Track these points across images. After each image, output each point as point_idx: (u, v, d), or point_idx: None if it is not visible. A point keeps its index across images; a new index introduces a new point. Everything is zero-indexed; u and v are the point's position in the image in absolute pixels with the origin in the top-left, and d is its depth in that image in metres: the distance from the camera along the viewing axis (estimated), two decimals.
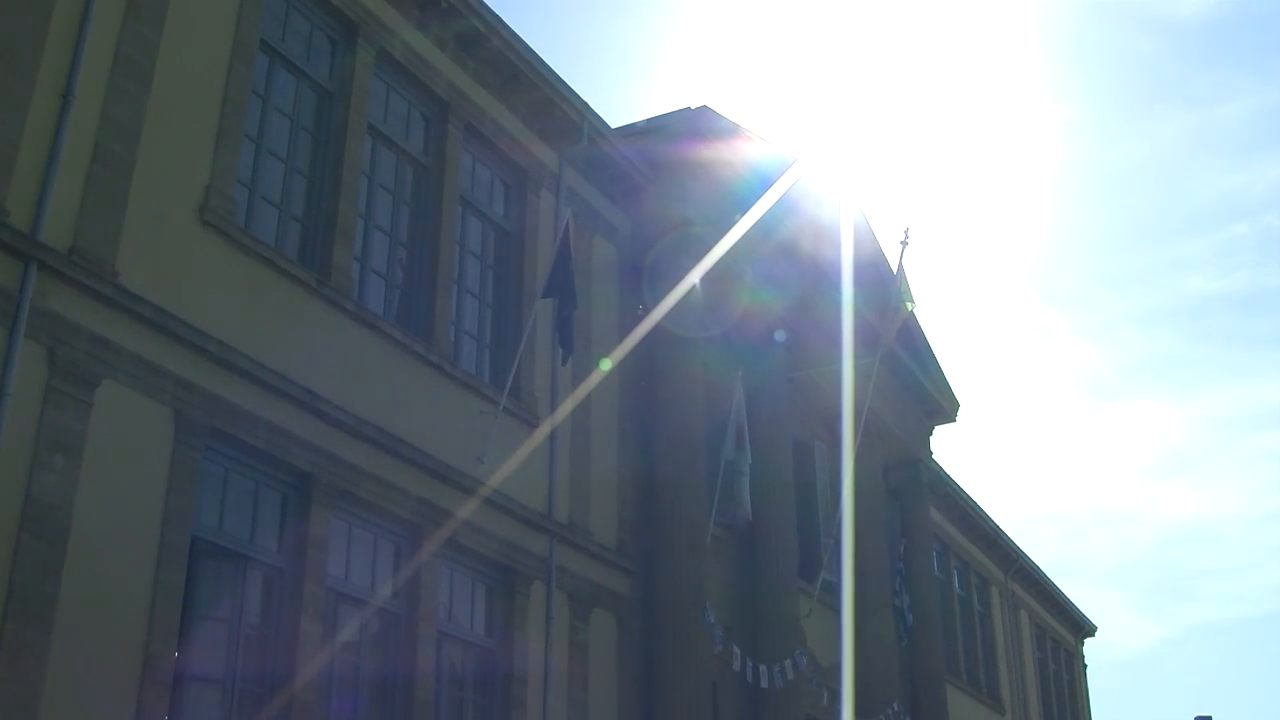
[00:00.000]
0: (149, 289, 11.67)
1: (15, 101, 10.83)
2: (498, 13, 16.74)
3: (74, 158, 11.24)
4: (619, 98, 74.54)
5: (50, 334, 10.76)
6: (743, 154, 20.58)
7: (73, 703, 10.33)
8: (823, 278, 22.71)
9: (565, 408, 17.29)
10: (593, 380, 17.89)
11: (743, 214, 19.68)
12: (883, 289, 24.37)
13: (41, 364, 10.66)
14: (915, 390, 27.86)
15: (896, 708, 23.48)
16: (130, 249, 11.62)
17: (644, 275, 19.40)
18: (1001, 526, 35.13)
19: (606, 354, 18.33)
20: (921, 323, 27.10)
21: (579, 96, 18.08)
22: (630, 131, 19.80)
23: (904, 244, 23.58)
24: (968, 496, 32.91)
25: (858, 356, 22.86)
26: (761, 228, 20.05)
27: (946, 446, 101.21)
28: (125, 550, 11.07)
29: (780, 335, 21.55)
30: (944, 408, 28.90)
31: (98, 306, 11.19)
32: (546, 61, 17.54)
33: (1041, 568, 38.64)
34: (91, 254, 11.22)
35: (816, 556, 22.73)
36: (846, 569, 21.70)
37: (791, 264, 21.99)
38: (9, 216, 10.54)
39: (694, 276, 18.92)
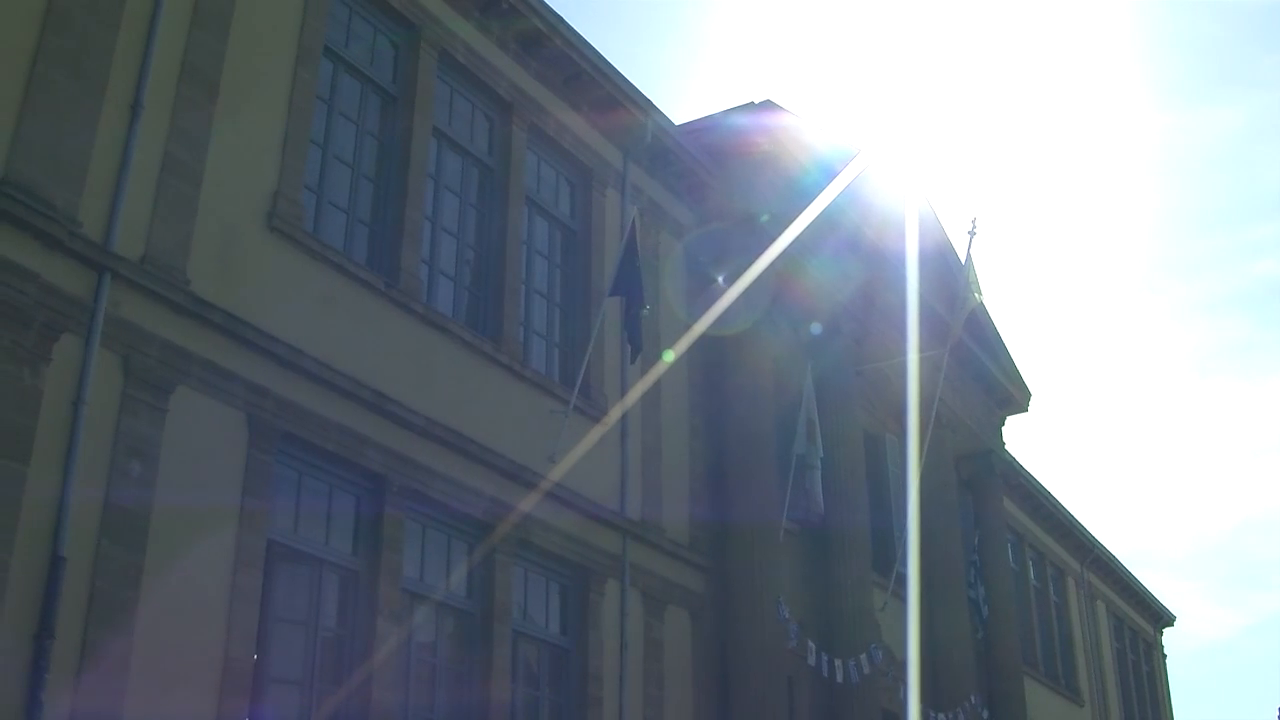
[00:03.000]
0: (220, 296, 11.78)
1: (86, 114, 10.97)
2: (558, 12, 16.75)
3: (144, 168, 11.37)
4: (682, 93, 74.49)
5: (124, 342, 10.89)
6: (807, 146, 20.48)
7: (155, 706, 10.44)
8: (889, 269, 22.55)
9: (635, 405, 17.28)
10: (660, 375, 17.86)
11: (808, 206, 19.57)
12: (950, 279, 24.17)
13: (117, 372, 10.80)
14: (986, 380, 27.60)
15: (974, 700, 23.26)
16: (201, 256, 11.74)
17: (709, 269, 19.32)
18: (1076, 516, 34.75)
19: (675, 349, 18.29)
20: (990, 312, 26.82)
21: (642, 94, 18.03)
22: (694, 127, 19.74)
23: (971, 234, 23.40)
24: (1041, 487, 32.55)
25: (926, 348, 22.68)
26: (827, 219, 19.94)
27: (1019, 436, 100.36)
28: (203, 555, 11.17)
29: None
30: (1015, 397, 28.61)
31: (170, 314, 11.31)
32: (608, 59, 17.54)
33: (1118, 557, 38.18)
34: (163, 262, 11.34)
35: (891, 550, 22.56)
36: (912, 561, 21.53)
37: (857, 255, 21.84)
38: (82, 227, 10.68)
39: (755, 271, 18.79)
